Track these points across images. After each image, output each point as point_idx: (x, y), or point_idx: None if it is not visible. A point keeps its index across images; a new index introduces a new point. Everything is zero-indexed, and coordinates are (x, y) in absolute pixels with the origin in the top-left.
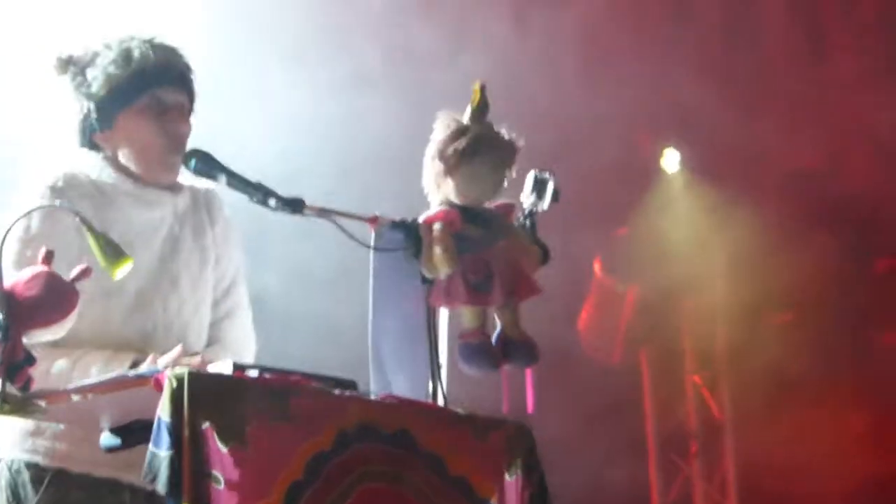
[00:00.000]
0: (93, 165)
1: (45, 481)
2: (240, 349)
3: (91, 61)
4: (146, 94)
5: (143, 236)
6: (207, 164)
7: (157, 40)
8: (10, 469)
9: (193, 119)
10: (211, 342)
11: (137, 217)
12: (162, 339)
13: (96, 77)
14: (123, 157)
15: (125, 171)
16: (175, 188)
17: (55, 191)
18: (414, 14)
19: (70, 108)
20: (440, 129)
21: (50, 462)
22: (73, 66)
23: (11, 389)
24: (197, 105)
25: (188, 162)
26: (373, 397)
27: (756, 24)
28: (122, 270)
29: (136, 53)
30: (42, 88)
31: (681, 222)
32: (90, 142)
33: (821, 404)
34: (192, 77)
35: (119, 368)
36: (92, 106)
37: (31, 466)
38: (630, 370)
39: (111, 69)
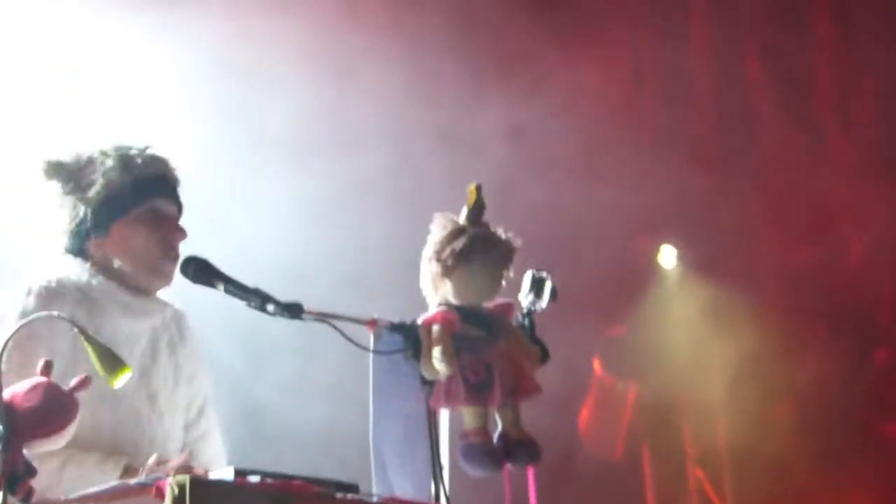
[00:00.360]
0: (81, 272)
1: None
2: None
3: (84, 167)
4: (144, 204)
5: (126, 345)
6: (205, 272)
7: (153, 151)
8: None
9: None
10: None
11: (124, 325)
12: (148, 448)
13: (93, 183)
14: (116, 264)
15: (117, 279)
16: (161, 301)
17: (48, 297)
18: (412, 119)
19: (57, 213)
20: (437, 231)
21: None
22: (63, 171)
23: (13, 501)
24: (194, 212)
25: (185, 269)
26: (375, 500)
27: (751, 120)
28: (121, 380)
29: (135, 162)
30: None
31: (679, 319)
32: (80, 248)
33: (824, 498)
34: (180, 188)
35: (112, 471)
36: (88, 211)
37: None
38: (632, 467)
39: (111, 175)
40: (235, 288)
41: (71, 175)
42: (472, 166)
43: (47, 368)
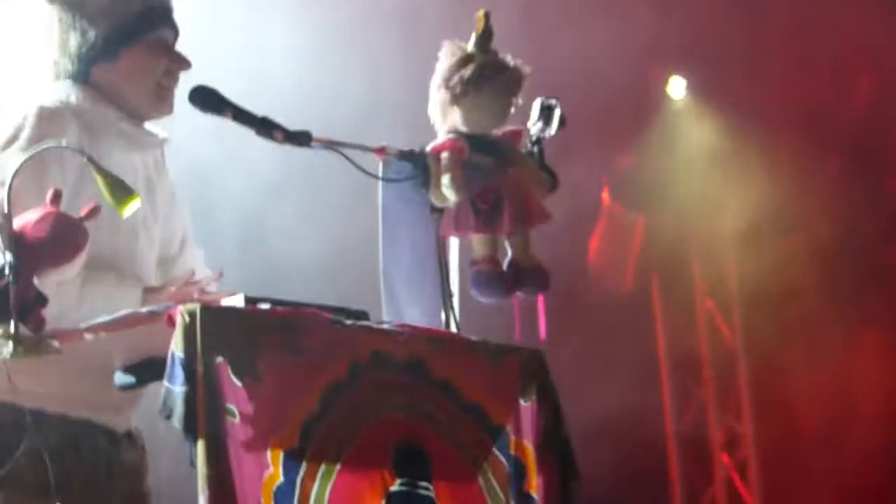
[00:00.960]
0: (82, 98)
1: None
2: None
3: None
4: (153, 33)
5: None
6: (213, 100)
7: None
8: None
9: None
10: None
11: (119, 155)
12: (146, 279)
13: (103, 8)
14: (120, 91)
15: (117, 107)
16: (158, 135)
17: (51, 119)
18: None
19: (63, 37)
20: (445, 58)
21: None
22: None
23: (24, 330)
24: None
25: (194, 97)
26: (385, 327)
27: None
28: (130, 208)
29: None
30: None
31: (688, 149)
32: (84, 74)
33: (834, 324)
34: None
35: (132, 287)
36: (98, 37)
37: (8, 407)
38: (641, 297)
39: (115, 5)
40: (243, 116)
41: (76, 2)
42: None
43: (56, 197)
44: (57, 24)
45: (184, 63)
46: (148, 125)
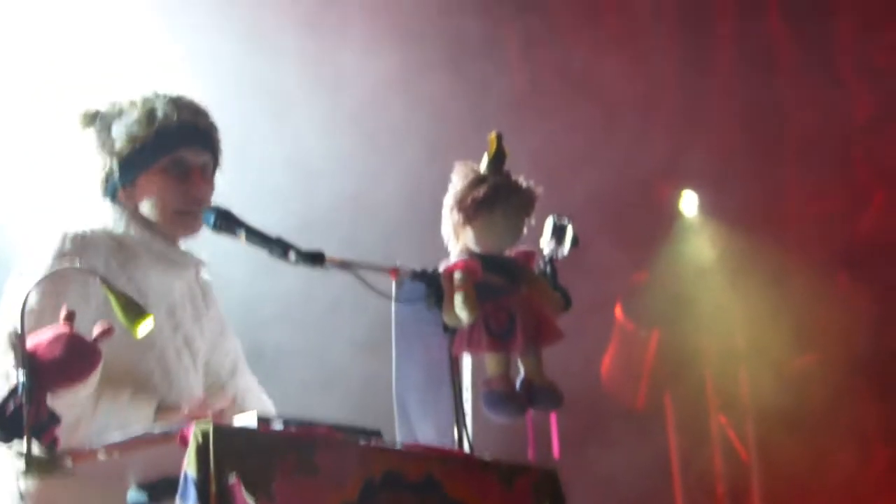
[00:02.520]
0: (116, 219)
1: None
2: None
3: (116, 118)
4: (168, 155)
5: (158, 296)
6: (227, 220)
7: (182, 99)
8: None
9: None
10: None
11: (155, 276)
12: (177, 399)
13: (120, 135)
14: (145, 214)
15: (149, 228)
16: (191, 254)
17: (83, 243)
18: (437, 66)
19: (92, 162)
20: (458, 179)
21: None
22: (99, 121)
23: (37, 450)
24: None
25: (207, 218)
26: (398, 446)
27: (772, 68)
28: (143, 328)
29: (159, 113)
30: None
31: (700, 265)
32: (113, 197)
33: (848, 441)
34: (217, 136)
35: (146, 407)
36: (115, 163)
37: None
38: (655, 413)
39: (134, 129)
40: (257, 237)
41: (105, 125)
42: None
43: (70, 317)
44: (90, 147)
45: (202, 185)
46: (184, 245)
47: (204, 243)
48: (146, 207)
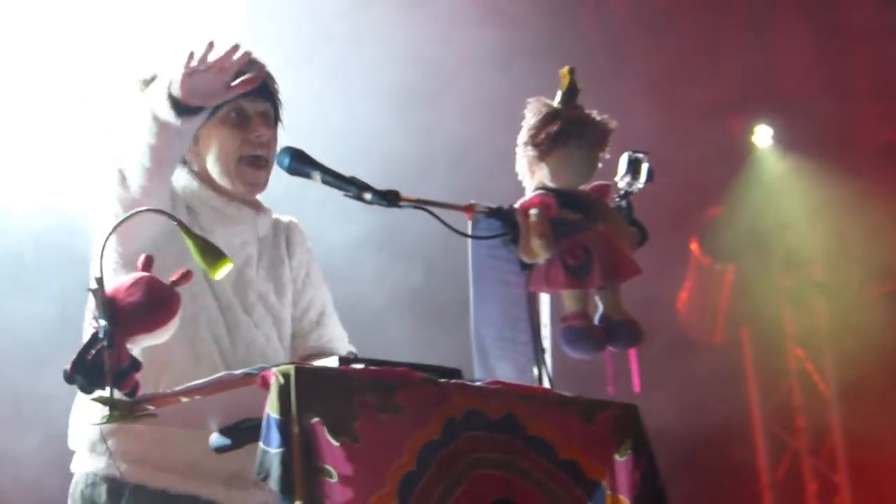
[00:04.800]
0: (185, 179)
1: (124, 497)
2: None
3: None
4: (226, 105)
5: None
6: (301, 162)
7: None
8: (86, 482)
9: (281, 127)
10: None
11: (219, 233)
12: (244, 353)
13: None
14: (207, 170)
15: (211, 185)
16: (258, 207)
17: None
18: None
19: None
20: (531, 115)
21: (126, 472)
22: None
23: (119, 395)
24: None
25: (282, 159)
26: (478, 384)
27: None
28: (222, 271)
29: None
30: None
31: (775, 198)
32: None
33: None
34: (274, 85)
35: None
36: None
37: (108, 479)
38: (732, 348)
39: None
40: (332, 177)
41: None
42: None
43: (148, 263)
44: None
45: (263, 129)
46: (260, 198)
47: None
48: (211, 161)
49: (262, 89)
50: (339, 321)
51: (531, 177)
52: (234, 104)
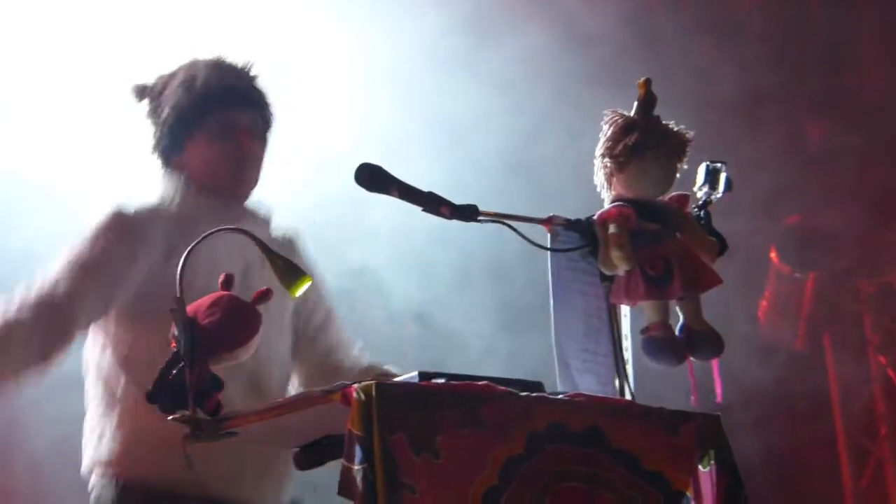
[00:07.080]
0: (172, 190)
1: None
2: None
3: (163, 89)
4: (211, 118)
5: (227, 260)
6: (378, 178)
7: (223, 62)
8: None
9: (272, 136)
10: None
11: (220, 241)
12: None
13: (165, 104)
14: (198, 180)
15: (204, 194)
16: (255, 214)
17: (134, 221)
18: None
19: (148, 134)
20: (608, 127)
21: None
22: (148, 94)
23: (201, 415)
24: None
25: (360, 177)
26: (560, 397)
27: None
28: (302, 289)
29: (199, 78)
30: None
31: (853, 203)
32: (168, 166)
33: None
34: (260, 94)
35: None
36: (164, 133)
37: (113, 481)
38: (814, 356)
39: (178, 94)
40: (409, 193)
41: (154, 97)
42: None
43: (227, 282)
44: (146, 119)
45: (247, 141)
46: (249, 204)
47: None
48: (199, 173)
49: (247, 99)
50: (343, 327)
51: (609, 189)
52: (216, 117)
